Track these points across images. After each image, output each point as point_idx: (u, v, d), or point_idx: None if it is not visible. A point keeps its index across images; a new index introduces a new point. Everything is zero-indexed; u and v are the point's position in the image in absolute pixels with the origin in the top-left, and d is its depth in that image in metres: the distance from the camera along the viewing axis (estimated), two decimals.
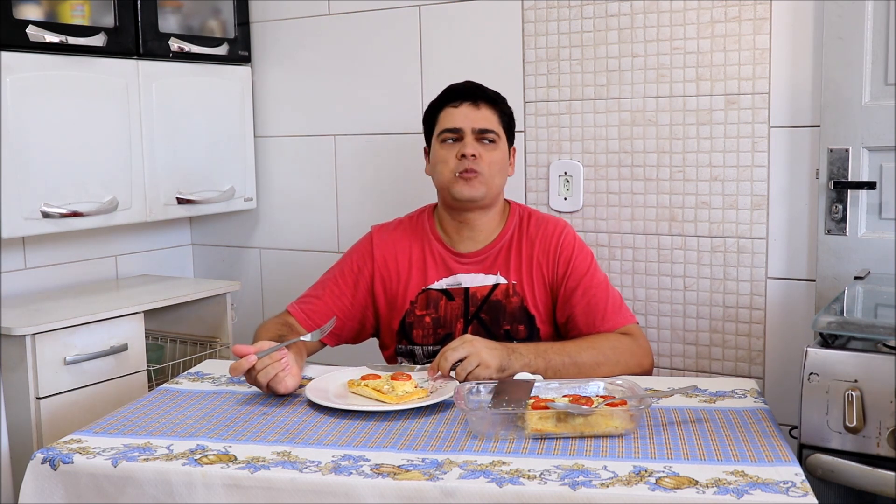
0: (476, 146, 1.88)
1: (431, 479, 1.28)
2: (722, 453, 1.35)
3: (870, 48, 1.99)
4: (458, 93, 1.93)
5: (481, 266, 1.94)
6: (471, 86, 1.95)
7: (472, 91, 1.93)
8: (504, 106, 1.96)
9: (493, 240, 1.95)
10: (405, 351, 1.97)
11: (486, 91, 1.95)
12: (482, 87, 1.96)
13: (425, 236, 1.98)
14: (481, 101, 1.91)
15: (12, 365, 2.09)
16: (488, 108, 1.91)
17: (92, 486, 1.38)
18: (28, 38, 2.22)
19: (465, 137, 1.89)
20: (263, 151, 2.89)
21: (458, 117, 1.90)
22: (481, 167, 1.87)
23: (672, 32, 2.23)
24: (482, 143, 1.89)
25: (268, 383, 1.65)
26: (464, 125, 1.89)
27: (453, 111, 1.91)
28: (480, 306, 1.92)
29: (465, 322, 1.92)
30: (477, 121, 1.89)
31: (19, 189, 2.21)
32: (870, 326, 1.61)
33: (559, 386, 1.60)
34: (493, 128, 1.90)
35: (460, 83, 1.97)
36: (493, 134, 1.90)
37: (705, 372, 2.30)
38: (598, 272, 1.93)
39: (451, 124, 1.90)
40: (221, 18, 2.76)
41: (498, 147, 1.91)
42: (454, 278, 1.94)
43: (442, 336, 1.93)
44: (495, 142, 1.90)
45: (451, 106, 1.92)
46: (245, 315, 2.92)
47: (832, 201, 2.07)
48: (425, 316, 1.94)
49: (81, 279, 2.67)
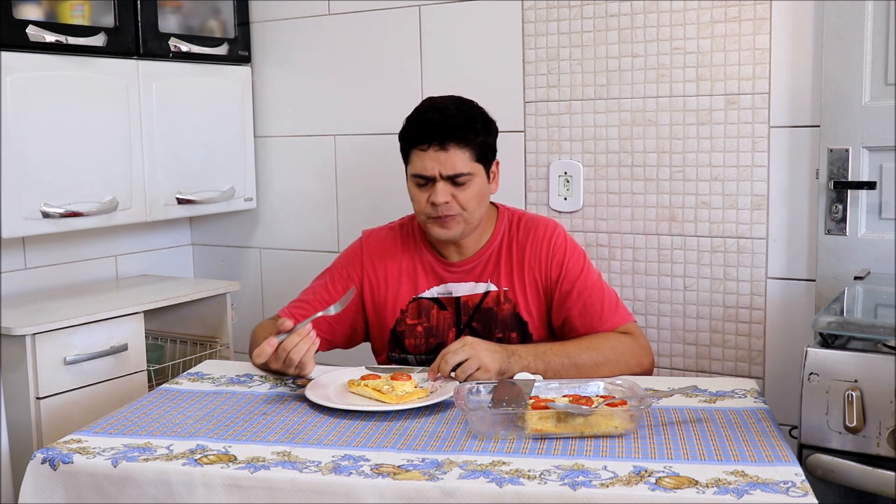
0: (448, 189, 1.79)
1: (431, 479, 1.28)
2: (722, 453, 1.35)
3: (870, 48, 1.99)
4: (425, 133, 1.80)
5: (471, 275, 1.91)
6: (438, 121, 1.80)
7: (439, 130, 1.78)
8: (475, 133, 1.81)
9: (483, 247, 1.92)
10: (398, 359, 1.96)
11: (453, 128, 1.79)
12: (450, 119, 1.80)
13: (415, 245, 1.95)
14: (449, 143, 1.78)
15: (12, 365, 2.09)
16: (457, 148, 1.78)
17: (92, 486, 1.38)
18: (28, 38, 2.22)
19: (436, 182, 1.79)
20: (263, 151, 2.89)
21: (428, 163, 1.79)
22: (456, 209, 1.81)
23: (672, 32, 2.23)
24: (455, 186, 1.80)
25: (299, 361, 1.65)
26: (433, 173, 1.79)
27: (422, 155, 1.80)
28: (472, 315, 1.90)
29: (457, 331, 1.91)
30: (446, 166, 1.78)
31: (19, 189, 2.21)
32: (870, 326, 1.61)
33: (559, 386, 1.60)
34: (464, 170, 1.79)
35: (428, 115, 1.82)
36: (465, 176, 1.79)
37: (705, 372, 2.30)
38: (591, 272, 1.90)
39: (421, 171, 1.80)
40: (221, 18, 2.77)
41: (473, 182, 1.81)
42: (444, 287, 1.91)
43: (434, 345, 1.92)
44: (470, 180, 1.81)
45: (420, 149, 1.80)
46: (245, 315, 2.92)
47: (832, 201, 2.07)
48: (417, 325, 1.92)
49: (81, 279, 2.67)
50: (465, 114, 1.84)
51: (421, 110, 1.86)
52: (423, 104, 1.88)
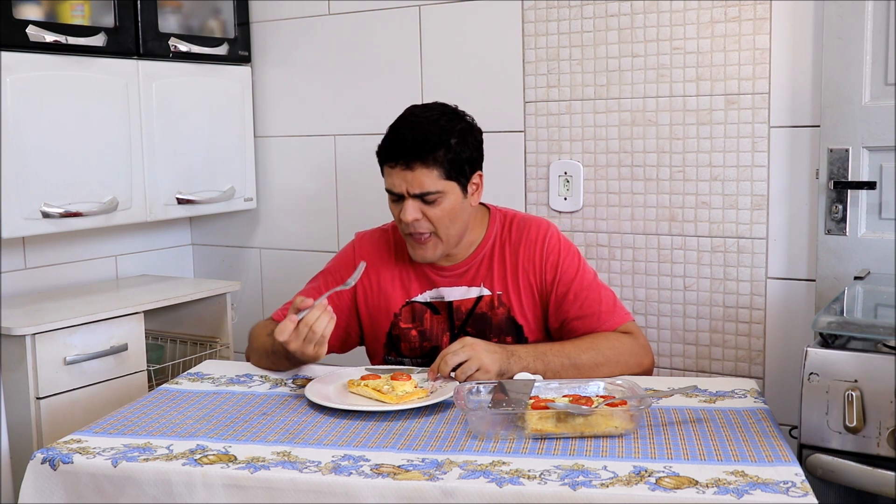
0: (417, 207, 1.77)
1: (431, 479, 1.28)
2: (722, 453, 1.35)
3: (870, 48, 1.99)
4: (392, 151, 1.78)
5: (463, 279, 1.89)
6: (407, 138, 1.77)
7: (405, 149, 1.76)
8: (447, 151, 1.76)
9: (474, 251, 1.89)
10: (394, 363, 1.95)
11: (420, 147, 1.75)
12: (420, 136, 1.76)
13: (406, 249, 1.91)
14: (415, 162, 1.75)
15: (12, 365, 2.09)
16: (423, 168, 1.75)
17: (92, 486, 1.38)
18: (28, 38, 2.22)
19: (405, 199, 1.78)
20: (263, 151, 2.89)
21: (395, 180, 1.77)
22: (427, 227, 1.79)
23: (672, 32, 2.23)
24: (425, 203, 1.78)
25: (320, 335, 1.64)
26: (400, 190, 1.77)
27: (390, 171, 1.78)
28: (466, 320, 1.89)
29: (451, 336, 1.89)
30: (412, 185, 1.76)
31: (19, 189, 2.21)
32: (870, 326, 1.61)
33: (559, 386, 1.60)
34: (432, 188, 1.76)
35: (400, 130, 1.79)
36: (433, 194, 1.76)
37: (705, 372, 2.30)
38: (587, 272, 1.88)
39: (390, 187, 1.80)
40: (221, 18, 2.77)
41: (444, 200, 1.78)
42: (436, 291, 1.90)
43: (429, 349, 1.91)
44: (439, 198, 1.77)
45: (388, 165, 1.79)
46: (245, 315, 2.92)
47: (832, 201, 2.07)
48: (411, 329, 1.91)
49: (81, 279, 2.67)
50: (440, 130, 1.78)
51: (395, 125, 1.82)
52: (401, 116, 1.84)
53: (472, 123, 1.86)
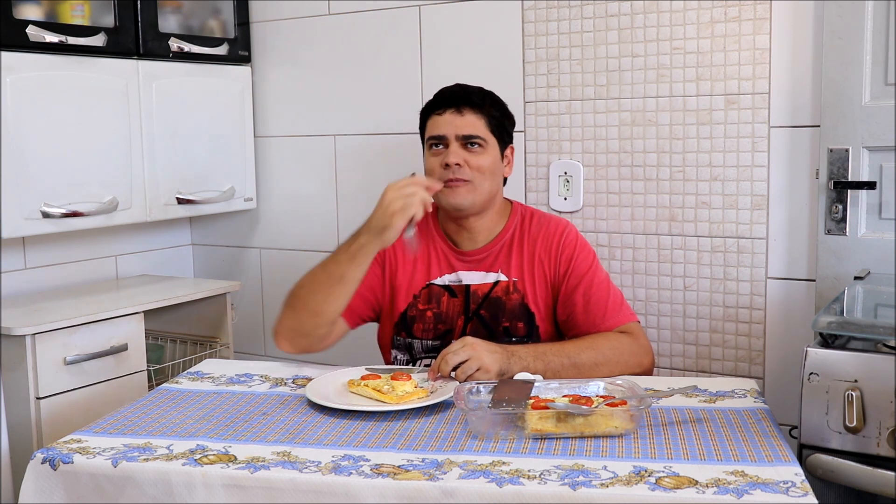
0: (461, 153, 1.87)
1: (431, 479, 1.28)
2: (722, 453, 1.35)
3: (870, 48, 1.99)
4: (443, 99, 1.92)
5: (482, 264, 1.95)
6: (456, 90, 1.93)
7: (457, 96, 1.91)
8: (493, 108, 1.92)
9: (494, 238, 1.95)
10: (403, 344, 1.97)
11: (470, 95, 1.91)
12: (468, 90, 1.93)
13: (430, 233, 1.98)
14: (465, 107, 1.88)
15: (12, 365, 2.09)
16: (473, 114, 1.88)
17: (92, 486, 1.38)
18: (28, 38, 2.22)
19: (450, 145, 1.87)
20: (263, 151, 2.89)
21: (442, 125, 1.88)
22: (468, 174, 1.87)
23: (672, 32, 2.23)
24: (468, 150, 1.87)
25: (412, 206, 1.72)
26: (447, 132, 1.88)
27: (438, 119, 1.90)
28: (481, 303, 1.93)
29: (465, 319, 1.93)
30: (461, 127, 1.87)
31: (19, 189, 2.21)
32: (870, 326, 1.61)
33: (559, 386, 1.60)
34: (479, 133, 1.88)
35: (449, 87, 1.95)
36: (479, 139, 1.88)
37: (705, 372, 2.30)
38: (599, 271, 1.93)
39: (436, 131, 1.89)
40: (221, 18, 2.77)
41: (486, 151, 1.89)
42: (456, 275, 1.95)
43: (443, 331, 1.94)
44: (483, 146, 1.88)
45: (436, 114, 1.91)
46: (245, 315, 2.93)
47: (832, 201, 2.07)
48: (427, 311, 1.94)
49: (81, 279, 2.67)
50: (487, 94, 1.94)
51: (444, 88, 1.96)
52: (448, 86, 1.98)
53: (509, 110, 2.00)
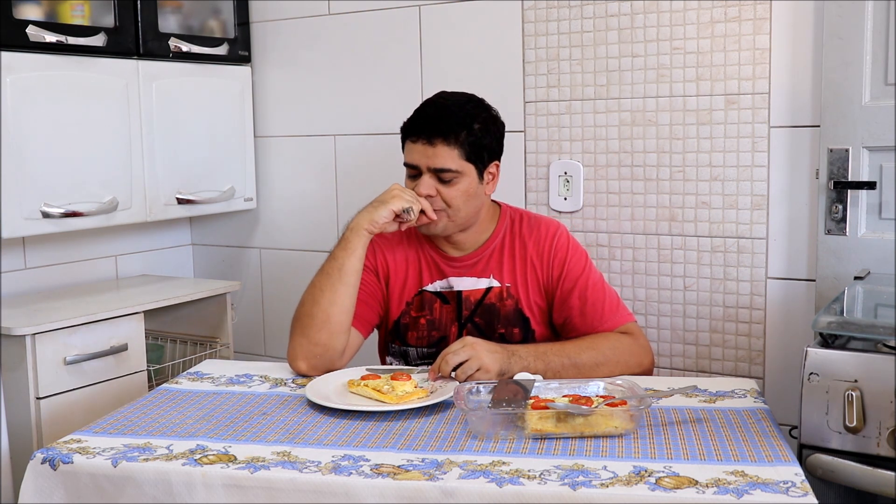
0: (433, 183, 1.82)
1: (431, 479, 1.28)
2: (722, 453, 1.35)
3: (870, 48, 1.99)
4: (417, 125, 1.84)
5: (473, 269, 1.92)
6: (431, 113, 1.84)
7: (431, 122, 1.82)
8: (468, 133, 1.82)
9: (484, 243, 1.92)
10: (398, 351, 1.96)
11: (443, 122, 1.81)
12: (445, 112, 1.83)
13: (418, 238, 1.96)
14: (437, 139, 1.80)
15: (12, 365, 2.09)
16: (445, 146, 1.80)
17: (92, 486, 1.38)
18: (28, 38, 2.22)
19: (422, 174, 1.83)
20: (263, 151, 2.89)
21: (415, 154, 1.83)
22: (440, 204, 1.83)
23: (672, 32, 2.23)
24: (441, 182, 1.82)
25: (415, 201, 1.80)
26: (420, 163, 1.83)
27: (412, 146, 1.84)
28: (474, 310, 1.91)
29: (459, 326, 1.91)
30: (432, 160, 1.81)
31: (19, 189, 2.21)
32: (870, 326, 1.61)
33: (559, 386, 1.60)
34: (450, 166, 1.80)
35: (428, 104, 1.88)
36: (451, 173, 1.81)
37: (705, 372, 2.30)
38: (593, 272, 1.91)
39: (410, 160, 1.85)
40: (221, 18, 2.77)
41: (459, 182, 1.82)
42: (447, 281, 1.92)
43: (437, 339, 1.92)
44: (456, 177, 1.82)
45: (411, 140, 1.84)
46: (245, 315, 2.93)
47: (832, 201, 2.07)
48: (420, 318, 1.93)
49: (81, 279, 2.67)
50: (465, 113, 1.83)
51: (423, 104, 1.90)
52: (431, 97, 1.91)
53: (496, 115, 1.91)
